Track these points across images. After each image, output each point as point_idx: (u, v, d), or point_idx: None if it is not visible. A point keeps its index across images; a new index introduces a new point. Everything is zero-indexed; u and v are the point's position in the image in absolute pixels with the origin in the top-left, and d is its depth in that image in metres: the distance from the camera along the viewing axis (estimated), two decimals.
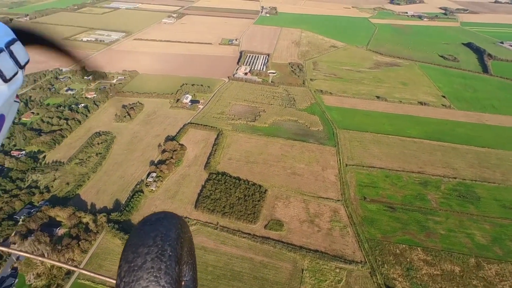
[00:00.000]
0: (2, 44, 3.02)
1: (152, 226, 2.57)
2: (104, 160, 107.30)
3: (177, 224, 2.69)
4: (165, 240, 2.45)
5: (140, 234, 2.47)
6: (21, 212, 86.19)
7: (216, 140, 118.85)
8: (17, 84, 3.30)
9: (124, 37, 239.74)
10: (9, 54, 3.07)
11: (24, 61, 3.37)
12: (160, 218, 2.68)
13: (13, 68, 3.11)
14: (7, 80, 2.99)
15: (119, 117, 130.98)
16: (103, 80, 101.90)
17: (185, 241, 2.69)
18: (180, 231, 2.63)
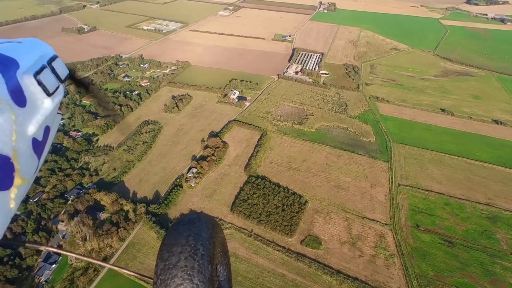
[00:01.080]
0: (45, 61, 3.27)
1: (186, 226, 2.72)
2: (150, 150, 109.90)
3: (210, 225, 2.80)
4: (198, 240, 2.58)
5: (175, 234, 2.63)
6: (71, 191, 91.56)
7: (259, 141, 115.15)
8: (59, 97, 3.43)
9: (181, 28, 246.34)
10: (51, 70, 3.29)
11: (64, 76, 3.54)
12: (193, 219, 2.83)
13: (55, 83, 3.29)
14: (50, 94, 3.16)
15: (168, 107, 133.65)
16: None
17: (217, 241, 2.80)
18: (212, 232, 2.75)
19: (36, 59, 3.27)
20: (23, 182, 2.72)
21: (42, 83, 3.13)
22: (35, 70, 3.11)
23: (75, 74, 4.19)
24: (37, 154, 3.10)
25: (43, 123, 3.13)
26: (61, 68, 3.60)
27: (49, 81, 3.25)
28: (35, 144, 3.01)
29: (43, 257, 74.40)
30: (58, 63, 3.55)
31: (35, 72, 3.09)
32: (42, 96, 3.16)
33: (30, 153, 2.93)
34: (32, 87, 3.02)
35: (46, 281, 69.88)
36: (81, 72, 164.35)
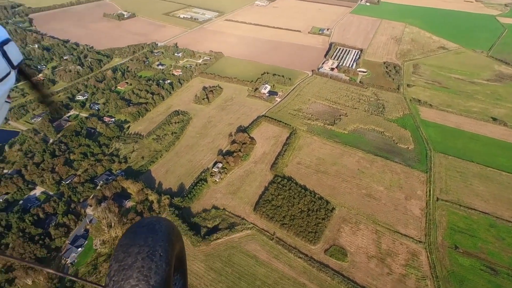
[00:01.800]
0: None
1: (145, 227, 2.68)
2: (178, 141, 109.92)
3: (170, 229, 2.79)
4: (157, 241, 2.54)
5: (132, 234, 2.58)
6: (101, 177, 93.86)
7: (288, 139, 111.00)
8: (9, 84, 3.17)
9: (216, 17, 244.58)
10: (1, 54, 3.03)
11: (17, 61, 3.27)
12: (153, 222, 2.82)
13: (5, 68, 3.06)
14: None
15: (198, 98, 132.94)
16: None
17: (175, 245, 2.75)
18: (172, 236, 2.73)
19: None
20: None
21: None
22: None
23: (22, 66, 3.53)
24: None
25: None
26: (14, 53, 3.22)
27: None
28: None
29: (71, 239, 76.95)
30: (11, 47, 3.17)
31: None
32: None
33: None
34: None
35: (71, 263, 72.18)
36: (118, 59, 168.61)
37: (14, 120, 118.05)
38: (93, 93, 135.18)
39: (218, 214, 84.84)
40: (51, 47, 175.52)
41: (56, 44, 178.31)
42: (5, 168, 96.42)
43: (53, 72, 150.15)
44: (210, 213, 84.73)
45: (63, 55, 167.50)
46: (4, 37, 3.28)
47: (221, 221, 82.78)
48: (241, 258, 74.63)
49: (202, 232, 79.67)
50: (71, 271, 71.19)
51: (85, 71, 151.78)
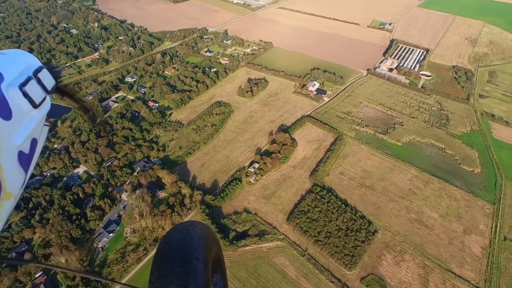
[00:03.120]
0: (31, 72, 3.21)
1: (180, 233, 2.78)
2: (217, 134, 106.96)
3: (204, 232, 2.87)
4: (192, 246, 2.63)
5: (169, 241, 2.69)
6: (138, 163, 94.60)
7: (332, 145, 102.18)
8: (46, 109, 3.40)
9: (270, 4, 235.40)
10: (37, 81, 3.23)
11: (51, 86, 3.47)
12: (187, 226, 2.90)
13: (41, 94, 3.24)
14: (37, 105, 3.13)
15: (242, 90, 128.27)
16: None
17: (212, 248, 2.87)
18: (207, 238, 2.82)
19: (21, 71, 3.16)
20: (9, 197, 2.62)
21: (28, 95, 3.03)
22: (21, 81, 3.01)
23: (59, 84, 3.79)
24: (24, 168, 2.95)
25: (29, 135, 3.05)
26: (48, 79, 3.39)
27: (35, 93, 3.11)
28: (22, 157, 2.91)
29: (104, 223, 78.43)
30: (44, 74, 3.36)
31: (21, 83, 3.00)
32: (28, 108, 3.05)
33: (17, 166, 2.83)
34: (18, 99, 2.93)
35: (102, 247, 73.46)
36: (169, 42, 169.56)
37: None
38: (141, 76, 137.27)
39: (249, 218, 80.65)
40: (109, 27, 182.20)
41: (113, 24, 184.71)
42: (55, 143, 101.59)
43: (108, 52, 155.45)
44: (241, 216, 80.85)
45: (118, 35, 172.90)
46: (37, 65, 3.38)
47: (251, 227, 78.55)
48: (268, 271, 70.02)
49: (231, 236, 76.21)
50: (101, 255, 72.50)
51: (137, 53, 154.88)
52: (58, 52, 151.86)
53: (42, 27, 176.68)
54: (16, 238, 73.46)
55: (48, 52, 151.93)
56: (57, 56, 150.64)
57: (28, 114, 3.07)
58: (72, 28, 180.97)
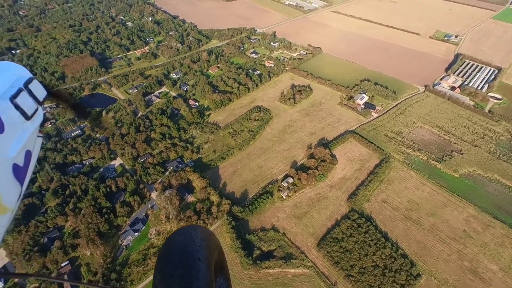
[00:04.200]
0: (21, 84, 3.19)
1: (182, 235, 2.83)
2: (253, 141, 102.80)
3: (206, 235, 2.92)
4: (194, 248, 2.67)
5: (172, 243, 2.73)
6: (172, 162, 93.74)
7: (376, 168, 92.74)
8: (39, 120, 3.40)
9: (323, 7, 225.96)
10: (28, 93, 3.22)
11: (42, 97, 3.45)
12: (189, 230, 2.94)
13: (33, 106, 3.25)
14: (29, 117, 3.14)
15: (284, 97, 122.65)
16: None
17: (213, 251, 2.89)
18: (209, 241, 2.86)
19: (12, 83, 3.14)
20: (5, 212, 2.59)
21: (19, 107, 3.03)
22: (11, 94, 3.00)
23: (53, 90, 3.72)
24: (19, 181, 2.93)
25: (23, 147, 3.04)
26: (39, 89, 3.39)
27: (27, 104, 3.11)
28: (16, 170, 2.89)
29: (131, 221, 78.23)
30: (35, 85, 3.35)
31: (12, 96, 2.99)
32: (20, 120, 3.06)
33: (12, 180, 2.81)
34: (10, 111, 2.92)
35: (126, 246, 73.08)
36: (216, 41, 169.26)
37: (116, 87, 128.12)
38: (186, 73, 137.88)
39: (276, 237, 75.30)
40: (162, 22, 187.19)
41: (166, 19, 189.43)
42: (98, 133, 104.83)
43: (157, 46, 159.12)
44: (268, 234, 75.76)
45: (169, 30, 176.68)
46: (27, 76, 3.33)
47: (277, 247, 73.15)
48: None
49: (255, 254, 71.54)
50: (124, 254, 72.11)
51: (184, 49, 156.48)
52: (112, 44, 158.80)
53: (102, 18, 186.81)
54: (50, 224, 75.92)
55: (104, 43, 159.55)
56: (111, 47, 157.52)
57: (20, 126, 3.02)
58: (128, 21, 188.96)
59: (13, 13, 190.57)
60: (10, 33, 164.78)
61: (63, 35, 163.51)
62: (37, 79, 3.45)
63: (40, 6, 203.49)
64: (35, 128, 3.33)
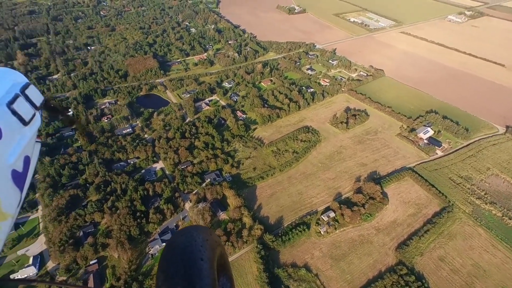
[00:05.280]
0: (18, 90, 3.21)
1: (184, 236, 2.81)
2: (296, 163, 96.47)
3: (207, 235, 2.92)
4: (196, 248, 2.67)
5: (174, 244, 2.72)
6: (210, 174, 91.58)
7: (435, 216, 79.93)
8: (36, 125, 3.39)
9: (391, 27, 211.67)
10: (25, 98, 3.24)
11: (39, 102, 3.45)
12: (191, 230, 2.93)
13: (30, 111, 3.26)
14: (27, 123, 3.15)
15: (336, 119, 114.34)
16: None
17: (215, 250, 2.89)
18: (210, 241, 2.87)
19: (8, 89, 3.15)
20: (6, 218, 2.61)
21: (16, 113, 3.03)
22: (8, 100, 3.02)
23: (48, 101, 3.75)
24: (19, 186, 2.93)
25: (22, 153, 3.06)
26: (35, 95, 3.38)
27: (24, 110, 3.12)
28: (16, 176, 2.91)
29: (161, 230, 76.95)
30: (32, 90, 3.35)
31: (8, 101, 3.00)
32: (18, 126, 3.07)
33: (11, 186, 2.81)
34: (7, 117, 2.93)
35: (152, 255, 71.71)
36: (273, 53, 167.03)
37: (171, 90, 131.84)
38: (238, 83, 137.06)
39: (308, 278, 67.66)
40: (223, 30, 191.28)
41: (227, 28, 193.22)
42: (147, 134, 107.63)
43: (215, 54, 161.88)
44: (299, 272, 68.48)
45: (229, 39, 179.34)
46: (24, 82, 3.35)
47: None
48: None
49: None
50: (149, 263, 70.72)
51: (240, 59, 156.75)
52: (174, 48, 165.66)
53: (169, 23, 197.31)
54: (88, 218, 78.02)
55: (167, 46, 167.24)
56: (173, 50, 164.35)
57: (18, 132, 3.03)
58: (192, 27, 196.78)
59: (95, 13, 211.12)
60: (89, 30, 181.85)
61: (132, 36, 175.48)
62: (33, 85, 3.38)
63: (118, 8, 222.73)
64: (33, 133, 3.31)
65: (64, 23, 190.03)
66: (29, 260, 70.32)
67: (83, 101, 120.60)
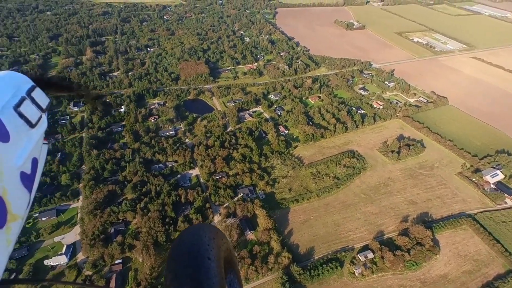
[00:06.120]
0: (24, 93, 3.28)
1: (191, 235, 2.81)
2: (336, 190, 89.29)
3: (214, 233, 2.91)
4: (203, 247, 2.67)
5: (181, 243, 2.72)
6: (243, 189, 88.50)
7: (498, 280, 67.22)
8: (43, 127, 3.45)
9: (461, 50, 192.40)
10: (31, 101, 3.30)
11: (45, 105, 3.52)
12: (197, 228, 2.95)
13: (37, 113, 3.33)
14: (34, 125, 3.23)
15: (387, 147, 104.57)
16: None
17: (222, 248, 2.89)
18: (217, 239, 2.88)
19: (14, 92, 3.21)
20: (16, 220, 2.67)
21: (23, 115, 3.10)
22: (15, 103, 3.08)
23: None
24: (27, 188, 2.99)
25: (29, 155, 3.14)
26: (41, 97, 3.46)
27: (30, 112, 3.20)
28: (24, 178, 2.98)
29: None
30: (38, 93, 3.43)
31: (15, 105, 3.06)
32: (25, 128, 3.14)
33: (20, 187, 2.89)
34: (14, 120, 3.00)
35: None
36: (324, 69, 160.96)
37: (217, 98, 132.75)
38: (285, 96, 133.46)
39: None
40: (276, 41, 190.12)
41: (281, 40, 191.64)
42: (188, 138, 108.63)
43: (265, 65, 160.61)
44: None
45: (281, 51, 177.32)
46: (29, 84, 3.39)
47: None
48: None
49: None
50: None
51: (290, 72, 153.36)
52: (226, 55, 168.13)
53: (225, 31, 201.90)
54: (120, 216, 79.56)
55: (220, 53, 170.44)
56: (225, 58, 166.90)
57: (26, 135, 3.12)
58: (247, 36, 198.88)
59: (160, 17, 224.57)
60: (152, 33, 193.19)
61: (189, 41, 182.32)
62: (39, 88, 3.45)
63: (181, 14, 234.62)
64: (40, 135, 3.35)
65: (131, 25, 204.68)
66: (62, 249, 73.20)
67: (135, 99, 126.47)
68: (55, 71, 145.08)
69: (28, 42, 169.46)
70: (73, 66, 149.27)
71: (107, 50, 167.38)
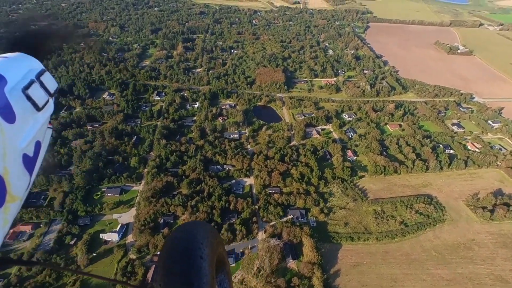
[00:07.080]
0: (33, 76, 3.33)
1: (184, 233, 2.85)
2: (401, 239, 76.83)
3: (207, 232, 2.92)
4: (196, 245, 2.68)
5: (174, 241, 2.73)
6: (294, 211, 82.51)
7: None
8: (49, 112, 3.55)
9: None
10: (40, 85, 3.36)
11: (53, 89, 3.57)
12: (191, 226, 2.97)
13: (44, 97, 3.38)
14: (40, 108, 3.27)
15: (477, 202, 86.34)
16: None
17: (215, 247, 2.90)
18: (211, 238, 2.88)
19: (24, 74, 3.26)
20: (15, 200, 2.70)
21: (31, 98, 3.15)
22: (24, 85, 3.13)
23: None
24: (29, 171, 3.05)
25: (33, 138, 3.19)
26: (50, 82, 3.52)
27: (38, 96, 3.25)
28: (26, 160, 3.03)
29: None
30: (47, 77, 3.49)
31: (24, 87, 3.11)
32: (31, 111, 3.18)
33: (21, 169, 2.94)
34: (21, 102, 3.05)
35: None
36: (412, 94, 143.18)
37: (287, 108, 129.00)
38: (360, 119, 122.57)
39: None
40: (362, 58, 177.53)
41: (367, 57, 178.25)
42: (250, 145, 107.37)
43: (345, 81, 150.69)
44: None
45: (365, 68, 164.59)
46: (40, 68, 3.47)
47: None
48: None
49: None
50: None
51: (371, 93, 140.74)
52: (306, 66, 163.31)
53: (309, 41, 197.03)
54: (171, 209, 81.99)
55: (299, 63, 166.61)
56: (303, 68, 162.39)
57: (31, 117, 3.15)
58: (330, 48, 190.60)
59: (249, 21, 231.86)
60: (238, 35, 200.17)
61: (271, 47, 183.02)
62: (49, 72, 3.47)
63: (269, 20, 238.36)
64: (46, 119, 3.43)
65: (221, 26, 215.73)
66: (117, 226, 78.83)
67: (210, 97, 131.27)
68: (149, 61, 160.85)
69: (134, 33, 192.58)
70: (164, 59, 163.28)
71: (195, 47, 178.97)
